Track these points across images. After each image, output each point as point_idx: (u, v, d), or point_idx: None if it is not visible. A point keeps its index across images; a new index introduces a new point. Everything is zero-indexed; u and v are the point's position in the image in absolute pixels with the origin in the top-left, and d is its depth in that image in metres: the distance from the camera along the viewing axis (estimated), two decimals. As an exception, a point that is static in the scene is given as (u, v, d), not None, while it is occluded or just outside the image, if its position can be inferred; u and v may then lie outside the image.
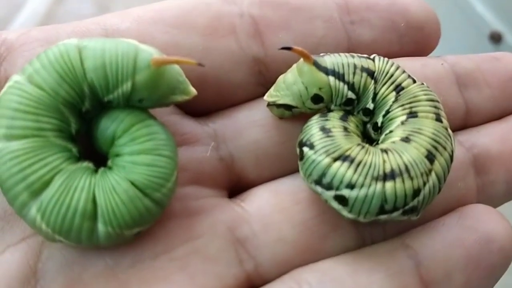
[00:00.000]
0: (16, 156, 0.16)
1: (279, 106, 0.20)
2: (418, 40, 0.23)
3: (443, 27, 0.23)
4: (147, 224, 0.18)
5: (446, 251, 0.19)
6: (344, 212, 0.18)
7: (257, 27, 0.21)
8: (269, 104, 0.20)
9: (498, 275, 0.20)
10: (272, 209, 0.20)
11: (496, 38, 0.45)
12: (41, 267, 0.18)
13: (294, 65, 0.20)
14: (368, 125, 0.20)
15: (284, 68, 0.20)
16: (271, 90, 0.20)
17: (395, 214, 0.18)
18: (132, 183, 0.16)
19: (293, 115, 0.20)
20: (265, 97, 0.20)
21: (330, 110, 0.20)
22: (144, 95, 0.18)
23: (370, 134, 0.21)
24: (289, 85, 0.19)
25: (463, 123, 0.23)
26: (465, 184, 0.21)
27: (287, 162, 0.21)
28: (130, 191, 0.16)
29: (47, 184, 0.16)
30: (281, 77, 0.20)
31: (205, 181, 0.20)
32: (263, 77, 0.21)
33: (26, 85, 0.16)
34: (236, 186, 0.21)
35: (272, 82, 0.21)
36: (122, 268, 0.18)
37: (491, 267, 0.19)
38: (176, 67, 0.18)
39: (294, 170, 0.20)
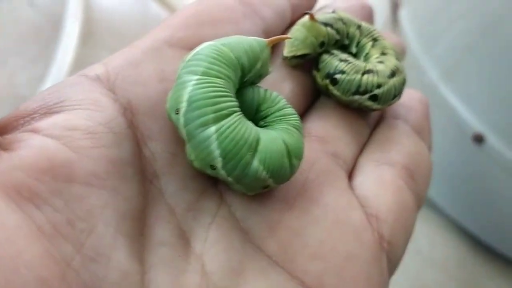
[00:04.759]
0: (234, 128, 0.19)
1: (297, 57, 0.26)
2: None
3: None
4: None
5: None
6: (375, 106, 0.25)
7: (253, 8, 0.25)
8: (287, 58, 0.26)
9: None
10: (331, 128, 0.24)
11: (478, 139, 0.49)
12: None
13: (296, 27, 0.26)
14: None
15: (276, 31, 0.26)
16: (287, 48, 0.26)
17: (399, 99, 0.26)
18: (294, 127, 0.21)
19: (302, 62, 0.26)
20: (285, 54, 0.25)
21: (327, 51, 0.26)
22: (264, 71, 0.22)
23: None
24: (303, 40, 0.25)
25: None
26: None
27: (311, 94, 0.26)
28: (296, 131, 0.21)
29: (259, 141, 0.19)
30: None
31: None
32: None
33: (208, 78, 0.19)
34: None
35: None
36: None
37: None
38: None
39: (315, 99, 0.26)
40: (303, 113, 0.25)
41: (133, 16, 0.55)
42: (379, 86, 0.25)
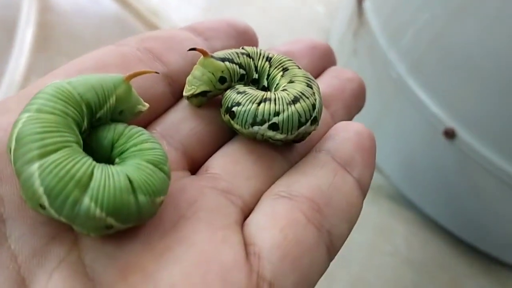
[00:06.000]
0: (58, 164, 0.17)
1: (197, 95, 0.25)
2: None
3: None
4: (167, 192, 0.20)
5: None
6: (278, 136, 0.24)
7: (154, 53, 0.25)
8: (188, 98, 0.25)
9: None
10: (230, 163, 0.23)
11: (450, 134, 0.47)
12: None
13: (195, 66, 0.25)
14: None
15: (183, 75, 0.26)
16: (186, 87, 0.25)
17: (312, 126, 0.24)
18: (149, 161, 0.20)
19: (207, 101, 0.26)
20: (184, 93, 0.25)
21: (232, 87, 0.25)
22: (124, 107, 0.22)
23: None
24: (199, 77, 0.25)
25: None
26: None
27: (221, 133, 0.25)
28: (150, 166, 0.20)
29: (91, 176, 0.18)
30: (189, 77, 0.25)
31: (173, 167, 0.23)
32: (173, 87, 0.26)
33: (40, 115, 0.19)
34: (194, 166, 0.25)
35: (181, 87, 0.26)
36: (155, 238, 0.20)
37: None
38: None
39: (229, 138, 0.25)
40: (213, 151, 0.24)
41: (90, 19, 0.54)
42: (277, 113, 0.24)
